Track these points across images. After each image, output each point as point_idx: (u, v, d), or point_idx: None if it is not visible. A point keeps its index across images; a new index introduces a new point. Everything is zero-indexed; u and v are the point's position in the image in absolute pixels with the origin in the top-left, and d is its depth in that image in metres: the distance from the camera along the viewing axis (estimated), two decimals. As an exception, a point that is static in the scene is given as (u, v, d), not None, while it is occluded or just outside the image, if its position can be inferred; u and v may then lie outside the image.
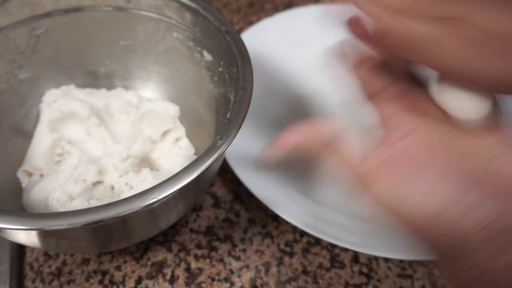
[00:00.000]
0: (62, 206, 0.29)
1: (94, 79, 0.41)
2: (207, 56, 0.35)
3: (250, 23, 0.56)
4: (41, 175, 0.35)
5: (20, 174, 0.35)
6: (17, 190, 0.35)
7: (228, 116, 0.27)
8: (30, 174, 0.35)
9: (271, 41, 0.49)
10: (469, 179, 0.19)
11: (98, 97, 0.39)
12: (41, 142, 0.36)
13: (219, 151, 0.25)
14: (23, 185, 0.35)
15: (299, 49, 0.50)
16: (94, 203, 0.30)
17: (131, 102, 0.40)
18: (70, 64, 0.39)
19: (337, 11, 0.22)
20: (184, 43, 0.36)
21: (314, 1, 0.61)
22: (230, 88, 0.31)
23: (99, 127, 0.36)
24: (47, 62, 0.38)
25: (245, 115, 0.27)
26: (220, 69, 0.33)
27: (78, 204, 0.30)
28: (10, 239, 0.28)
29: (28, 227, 0.21)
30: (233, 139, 0.26)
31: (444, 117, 0.22)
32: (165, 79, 0.40)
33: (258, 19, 0.57)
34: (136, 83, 0.41)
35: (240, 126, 0.26)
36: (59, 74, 0.39)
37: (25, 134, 0.37)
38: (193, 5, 0.34)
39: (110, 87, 0.41)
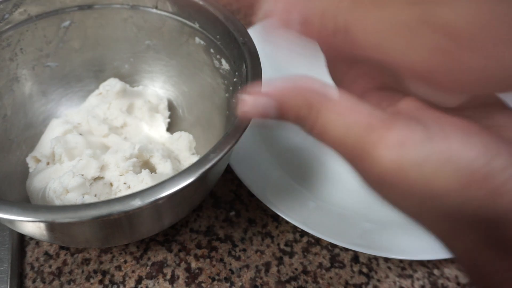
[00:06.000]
0: (57, 198, 0.30)
1: (117, 74, 0.41)
2: (225, 65, 0.35)
3: (250, 24, 0.56)
4: (48, 163, 0.36)
5: (29, 160, 0.36)
6: (26, 174, 0.36)
7: (227, 130, 0.27)
8: (38, 161, 0.36)
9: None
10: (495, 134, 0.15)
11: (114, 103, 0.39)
12: (54, 131, 0.37)
13: (210, 164, 0.24)
14: (30, 170, 0.36)
15: (299, 49, 0.50)
16: (88, 199, 0.31)
17: (150, 102, 0.40)
18: (95, 57, 0.40)
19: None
20: (205, 49, 0.37)
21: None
22: None
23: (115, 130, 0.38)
24: (73, 54, 0.39)
25: (244, 131, 0.26)
26: (235, 79, 0.33)
27: (73, 197, 0.30)
28: (14, 228, 0.28)
29: (35, 219, 0.22)
30: (228, 153, 0.25)
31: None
32: (185, 82, 0.41)
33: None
34: (157, 83, 0.42)
35: (237, 141, 0.26)
36: (83, 67, 0.40)
37: (42, 122, 0.39)
38: (216, 13, 0.34)
39: (132, 84, 0.42)
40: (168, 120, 0.40)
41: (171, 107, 0.41)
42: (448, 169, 0.14)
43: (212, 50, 0.36)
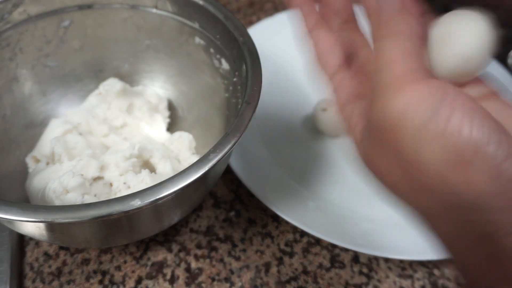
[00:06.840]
0: (57, 198, 0.30)
1: (117, 74, 0.41)
2: (225, 65, 0.35)
3: (250, 23, 0.56)
4: (47, 163, 0.36)
5: (29, 160, 0.36)
6: (26, 174, 0.36)
7: (227, 130, 0.27)
8: (37, 161, 0.36)
9: (271, 41, 0.49)
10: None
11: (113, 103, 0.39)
12: (53, 131, 0.37)
13: (210, 164, 0.24)
14: (30, 170, 0.36)
15: (299, 49, 0.50)
16: (88, 199, 0.31)
17: (150, 102, 0.40)
18: (95, 57, 0.40)
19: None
20: (205, 49, 0.37)
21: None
22: (241, 99, 0.31)
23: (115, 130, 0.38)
24: (73, 54, 0.39)
25: (244, 131, 0.26)
26: (235, 79, 0.33)
27: (72, 197, 0.30)
28: (14, 228, 0.28)
29: (35, 219, 0.22)
30: (228, 153, 0.25)
31: None
32: (185, 82, 0.41)
33: (258, 19, 0.57)
34: (157, 83, 0.42)
35: (237, 141, 0.26)
36: (83, 67, 0.40)
37: (42, 122, 0.39)
38: (216, 13, 0.34)
39: (132, 84, 0.42)
40: (168, 120, 0.40)
41: (171, 107, 0.41)
42: (438, 144, 0.15)
43: (212, 50, 0.36)
